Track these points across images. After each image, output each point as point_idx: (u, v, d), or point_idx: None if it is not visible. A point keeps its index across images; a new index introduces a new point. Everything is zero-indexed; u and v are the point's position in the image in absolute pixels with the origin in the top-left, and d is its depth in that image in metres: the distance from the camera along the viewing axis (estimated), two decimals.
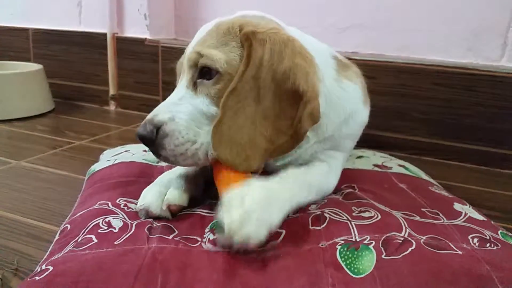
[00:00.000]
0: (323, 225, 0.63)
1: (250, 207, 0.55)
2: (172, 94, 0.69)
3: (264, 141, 0.64)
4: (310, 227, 0.63)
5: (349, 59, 0.85)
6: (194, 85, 0.67)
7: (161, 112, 0.65)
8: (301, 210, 0.68)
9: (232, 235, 0.53)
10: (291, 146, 0.67)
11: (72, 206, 0.82)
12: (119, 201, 0.70)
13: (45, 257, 0.61)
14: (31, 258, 0.70)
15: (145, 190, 0.69)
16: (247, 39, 0.63)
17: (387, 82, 1.34)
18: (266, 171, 0.74)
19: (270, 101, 0.63)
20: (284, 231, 0.61)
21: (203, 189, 0.75)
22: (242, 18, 0.69)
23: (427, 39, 1.41)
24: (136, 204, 0.68)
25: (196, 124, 0.65)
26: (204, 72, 0.66)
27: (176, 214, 0.67)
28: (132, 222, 0.63)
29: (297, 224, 0.63)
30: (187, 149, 0.64)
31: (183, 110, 0.65)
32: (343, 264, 0.54)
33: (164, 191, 0.68)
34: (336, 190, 0.78)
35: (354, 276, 0.52)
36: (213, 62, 0.64)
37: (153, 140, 0.63)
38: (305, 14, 1.55)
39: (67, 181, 1.03)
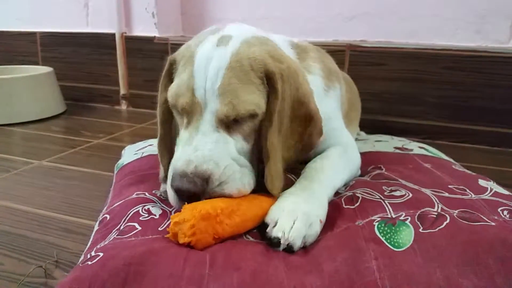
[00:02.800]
0: (357, 204, 0.65)
1: (292, 210, 0.59)
2: (198, 139, 0.62)
3: (282, 161, 0.67)
4: (344, 206, 0.65)
5: (359, 47, 0.84)
6: (227, 127, 0.63)
7: (202, 162, 0.60)
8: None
9: (292, 244, 0.56)
10: (300, 157, 0.72)
11: (99, 200, 0.83)
12: (154, 191, 0.72)
13: (88, 246, 0.63)
14: (68, 250, 0.71)
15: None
16: (272, 78, 0.63)
17: (398, 68, 1.35)
18: None
19: (286, 126, 0.67)
20: None
21: None
22: (254, 47, 0.65)
23: (434, 24, 1.42)
24: None
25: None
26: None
27: None
28: (170, 209, 0.65)
29: (330, 205, 0.65)
30: (234, 171, 0.62)
31: (221, 154, 0.62)
32: (383, 239, 0.55)
33: None
34: (363, 172, 0.80)
35: (395, 249, 0.54)
36: (252, 110, 0.62)
37: (203, 191, 0.60)
38: (312, 4, 1.56)
39: (90, 177, 1.05)
